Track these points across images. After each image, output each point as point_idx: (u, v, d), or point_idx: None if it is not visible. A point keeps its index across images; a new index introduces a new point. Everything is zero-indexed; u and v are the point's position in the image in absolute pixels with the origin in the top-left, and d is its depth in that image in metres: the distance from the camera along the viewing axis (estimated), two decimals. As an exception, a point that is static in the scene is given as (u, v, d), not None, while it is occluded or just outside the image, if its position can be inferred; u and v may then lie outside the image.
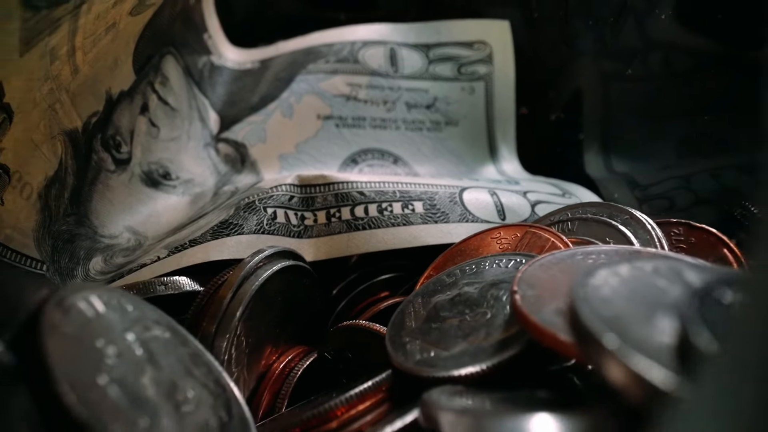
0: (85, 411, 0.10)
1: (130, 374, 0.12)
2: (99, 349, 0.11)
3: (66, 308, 0.11)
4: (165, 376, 0.13)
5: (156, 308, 0.15)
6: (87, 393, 0.10)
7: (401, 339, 0.17)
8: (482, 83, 0.34)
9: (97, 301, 0.13)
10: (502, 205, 0.25)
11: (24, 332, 0.10)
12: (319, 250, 0.23)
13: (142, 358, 0.12)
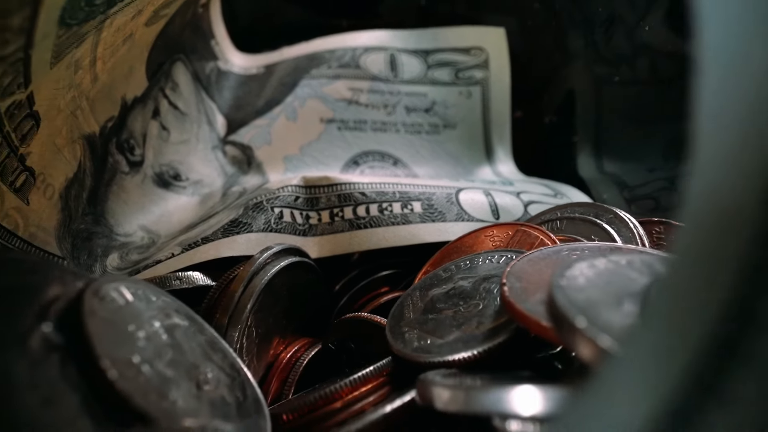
0: (126, 384, 0.11)
1: (158, 355, 0.13)
2: (131, 332, 0.13)
3: (101, 296, 0.13)
4: (187, 359, 0.14)
5: (176, 299, 0.16)
6: (125, 369, 0.12)
7: (400, 329, 0.18)
8: (479, 88, 0.35)
9: (126, 291, 0.14)
10: (497, 205, 0.26)
11: (67, 316, 0.12)
12: (323, 248, 0.24)
13: (166, 342, 0.14)
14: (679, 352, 0.06)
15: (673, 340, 0.06)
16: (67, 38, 0.16)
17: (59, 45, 0.16)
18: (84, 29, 0.17)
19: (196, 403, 0.13)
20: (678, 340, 0.06)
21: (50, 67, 0.17)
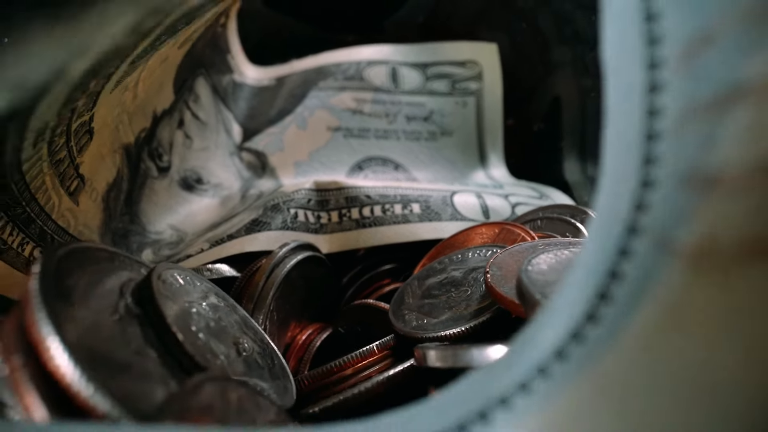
0: (190, 346, 0.15)
1: (207, 326, 0.17)
2: (187, 308, 0.17)
3: (162, 279, 0.17)
4: (228, 331, 0.18)
5: (213, 285, 0.20)
6: (188, 336, 0.15)
7: (401, 312, 0.22)
8: (473, 98, 0.39)
9: (178, 276, 0.18)
10: (487, 206, 0.30)
11: (139, 293, 0.16)
12: (332, 244, 0.28)
13: (211, 317, 0.18)
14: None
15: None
16: (129, 70, 0.20)
17: (123, 76, 0.20)
18: (140, 62, 0.21)
19: (238, 363, 0.17)
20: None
21: (110, 92, 0.20)
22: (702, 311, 0.07)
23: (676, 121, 0.09)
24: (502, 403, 0.09)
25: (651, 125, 0.09)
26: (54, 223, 0.24)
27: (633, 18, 0.10)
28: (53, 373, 0.11)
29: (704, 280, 0.07)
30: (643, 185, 0.09)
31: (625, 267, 0.09)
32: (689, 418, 0.07)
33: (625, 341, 0.08)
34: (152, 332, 0.15)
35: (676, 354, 0.07)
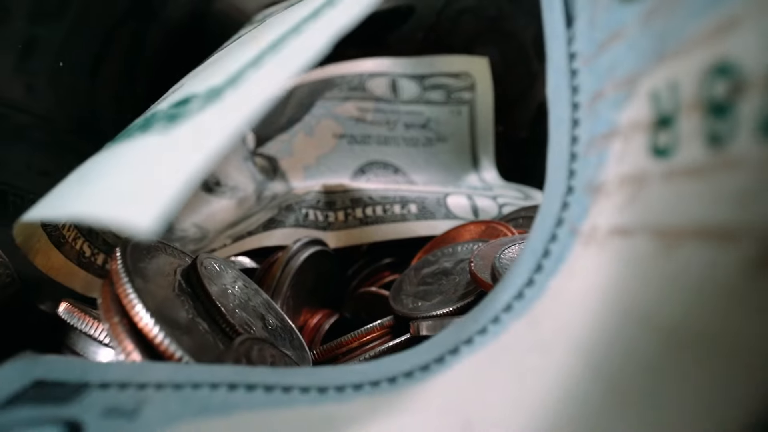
0: (232, 318, 0.19)
1: (241, 304, 0.21)
2: (225, 288, 0.21)
3: (204, 266, 0.21)
4: (256, 309, 0.22)
5: (240, 272, 0.24)
6: (229, 310, 0.19)
7: (400, 296, 0.26)
8: (467, 107, 0.43)
9: (214, 263, 0.22)
10: (476, 206, 0.34)
11: (187, 276, 0.20)
12: (339, 240, 0.32)
13: (243, 298, 0.22)
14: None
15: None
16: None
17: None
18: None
19: (267, 335, 0.21)
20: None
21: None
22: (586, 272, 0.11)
23: (584, 147, 0.13)
24: (468, 342, 0.13)
25: (572, 149, 0.13)
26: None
27: (564, 72, 0.14)
28: (142, 330, 0.15)
29: (588, 252, 0.11)
30: (567, 191, 0.13)
31: (552, 247, 0.13)
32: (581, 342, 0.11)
33: (547, 296, 0.12)
34: (201, 306, 0.19)
35: (575, 303, 0.11)
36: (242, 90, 0.10)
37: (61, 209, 0.10)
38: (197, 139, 0.09)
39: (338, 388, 0.13)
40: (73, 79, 0.35)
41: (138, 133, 0.11)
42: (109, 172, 0.09)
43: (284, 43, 0.11)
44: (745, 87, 0.08)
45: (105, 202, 0.08)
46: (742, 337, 0.07)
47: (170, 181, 0.08)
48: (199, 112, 0.10)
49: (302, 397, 0.12)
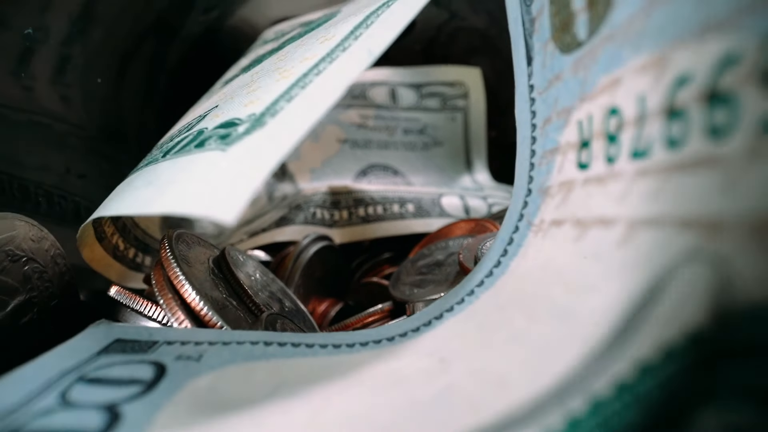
0: (258, 299, 0.23)
1: (262, 288, 0.25)
2: (248, 275, 0.25)
3: (231, 256, 0.25)
4: (274, 294, 0.26)
5: (259, 263, 0.28)
6: (254, 292, 0.23)
7: (398, 285, 0.30)
8: (461, 113, 0.47)
9: (238, 255, 0.26)
10: (468, 206, 0.38)
11: (218, 264, 0.24)
12: (343, 236, 0.36)
13: (263, 283, 0.26)
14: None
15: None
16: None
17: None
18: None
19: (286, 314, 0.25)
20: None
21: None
22: (534, 253, 0.15)
23: (539, 159, 0.17)
24: (449, 309, 0.17)
25: (531, 161, 0.18)
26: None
27: (526, 100, 0.18)
28: (190, 304, 0.19)
29: (536, 239, 0.15)
30: (527, 194, 0.18)
31: (514, 236, 0.17)
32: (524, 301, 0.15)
33: (507, 273, 0.16)
34: (230, 288, 0.23)
35: (525, 276, 0.15)
36: (279, 118, 0.14)
37: (147, 206, 0.14)
38: (253, 157, 0.13)
39: (349, 345, 0.17)
40: (100, 90, 0.39)
41: (195, 149, 0.15)
42: (185, 178, 0.13)
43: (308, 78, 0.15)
44: (626, 123, 0.12)
45: (191, 200, 0.12)
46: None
47: (240, 187, 0.12)
48: (247, 135, 0.14)
49: (322, 351, 0.16)
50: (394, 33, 0.16)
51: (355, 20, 0.18)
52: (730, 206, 0.08)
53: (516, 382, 0.11)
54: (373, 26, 0.17)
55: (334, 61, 0.16)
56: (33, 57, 0.33)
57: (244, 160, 0.13)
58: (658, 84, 0.10)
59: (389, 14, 0.17)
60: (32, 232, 0.23)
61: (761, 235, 0.07)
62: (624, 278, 0.10)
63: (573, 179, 0.14)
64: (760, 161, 0.08)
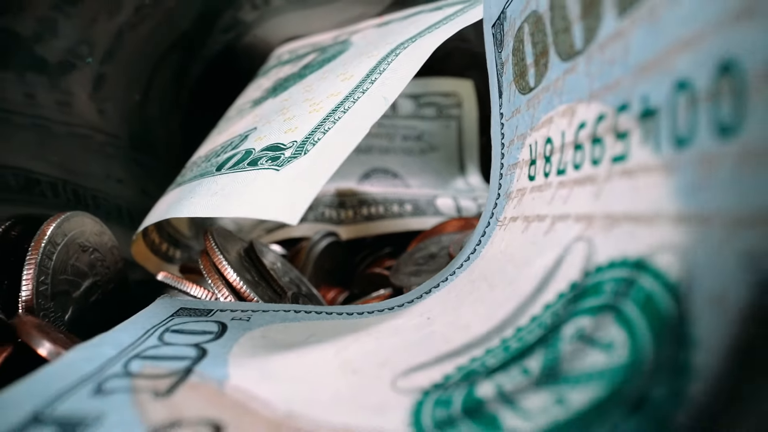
0: (282, 283, 0.29)
1: (284, 273, 0.31)
2: (273, 263, 0.31)
3: (258, 248, 0.31)
4: (293, 280, 0.32)
5: (278, 254, 0.34)
6: (279, 277, 0.29)
7: (398, 275, 0.36)
8: (455, 121, 0.53)
9: (262, 246, 0.32)
10: (460, 206, 0.44)
11: (247, 253, 0.30)
12: (349, 233, 0.42)
13: (284, 270, 0.32)
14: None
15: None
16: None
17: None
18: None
19: (303, 297, 0.31)
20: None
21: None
22: (498, 242, 0.21)
23: (506, 170, 0.23)
24: (436, 286, 0.23)
25: (500, 172, 0.23)
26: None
27: (498, 124, 0.24)
28: (232, 284, 0.25)
29: (500, 231, 0.21)
30: (497, 197, 0.23)
31: (487, 230, 0.23)
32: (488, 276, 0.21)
33: (480, 257, 0.22)
34: (258, 273, 0.29)
35: (490, 259, 0.21)
36: (319, 147, 0.20)
37: (218, 211, 0.20)
38: (303, 178, 0.18)
39: (359, 313, 0.22)
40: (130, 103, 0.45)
41: (249, 166, 0.21)
42: (250, 190, 0.19)
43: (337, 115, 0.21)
44: (555, 150, 0.17)
45: (259, 208, 0.18)
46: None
47: (298, 199, 0.17)
48: (294, 159, 0.20)
49: (338, 316, 0.22)
50: (405, 83, 0.22)
51: (370, 63, 0.23)
52: (597, 210, 0.14)
53: (476, 326, 0.16)
54: (385, 73, 0.22)
55: (357, 102, 0.22)
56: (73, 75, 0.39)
57: (297, 180, 0.18)
58: (570, 125, 0.16)
59: (398, 65, 0.22)
60: (95, 228, 0.29)
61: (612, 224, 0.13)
62: (545, 255, 0.16)
63: (525, 187, 0.20)
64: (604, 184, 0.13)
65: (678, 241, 0.10)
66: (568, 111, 0.16)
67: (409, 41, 0.25)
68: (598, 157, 0.14)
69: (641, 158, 0.12)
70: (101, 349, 0.16)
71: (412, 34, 0.26)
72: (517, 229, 0.19)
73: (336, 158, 0.19)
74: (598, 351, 0.11)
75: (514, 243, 0.19)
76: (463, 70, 0.53)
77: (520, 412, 0.11)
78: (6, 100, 0.36)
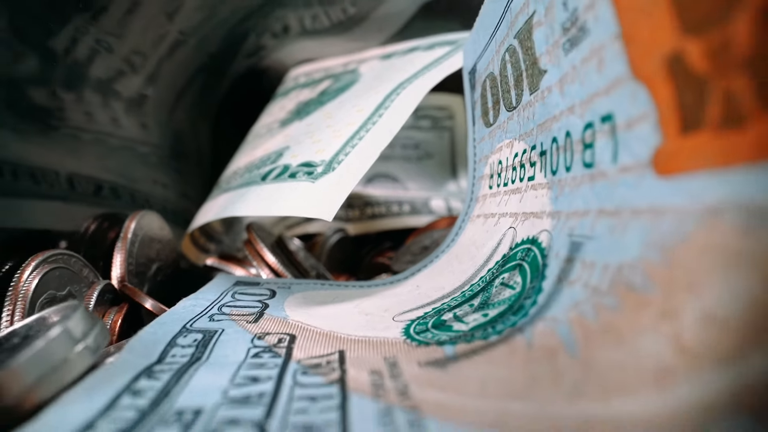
0: (306, 267, 0.38)
1: (305, 260, 0.40)
2: (297, 251, 0.40)
3: (285, 239, 0.40)
4: (313, 266, 0.41)
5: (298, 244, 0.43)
6: (304, 263, 0.38)
7: (397, 263, 0.45)
8: (448, 132, 0.62)
9: (287, 238, 0.41)
10: (450, 207, 0.53)
11: (278, 242, 0.39)
12: (356, 229, 0.51)
13: (304, 258, 0.41)
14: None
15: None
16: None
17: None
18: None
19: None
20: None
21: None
22: (468, 233, 0.30)
23: (477, 180, 0.32)
24: (424, 266, 0.32)
25: (473, 182, 0.33)
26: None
27: (471, 146, 0.33)
28: (271, 266, 0.34)
29: (469, 224, 0.30)
30: (471, 200, 0.33)
31: (462, 224, 0.32)
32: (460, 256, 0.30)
33: (456, 243, 0.31)
34: (287, 259, 0.38)
35: (462, 244, 0.30)
36: (343, 166, 0.29)
37: (269, 210, 0.29)
38: (333, 190, 0.28)
39: (368, 285, 0.32)
40: (164, 118, 0.54)
41: (290, 178, 0.30)
42: (294, 196, 0.28)
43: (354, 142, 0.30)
44: (503, 169, 0.27)
45: (303, 208, 0.27)
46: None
47: (330, 203, 0.26)
48: (325, 174, 0.29)
49: (353, 287, 0.31)
50: (405, 117, 0.31)
51: (377, 99, 0.33)
52: (520, 210, 0.23)
53: (447, 286, 0.26)
54: (389, 110, 0.31)
55: (369, 131, 0.31)
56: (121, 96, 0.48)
57: (328, 190, 0.28)
58: (510, 154, 0.25)
59: (399, 103, 0.32)
60: (159, 224, 0.38)
61: (526, 218, 0.22)
62: (492, 239, 0.25)
63: (486, 193, 0.29)
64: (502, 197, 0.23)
65: (548, 227, 0.20)
66: (509, 144, 0.26)
67: (408, 82, 0.34)
68: (521, 177, 0.23)
69: (539, 179, 0.21)
70: (198, 301, 0.26)
71: (410, 74, 0.36)
72: (479, 222, 0.29)
73: (356, 175, 0.28)
74: (509, 289, 0.20)
75: (477, 232, 0.28)
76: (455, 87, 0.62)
77: (463, 323, 0.20)
78: (71, 119, 0.45)
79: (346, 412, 0.13)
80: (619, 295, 0.14)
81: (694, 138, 0.12)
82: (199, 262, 0.46)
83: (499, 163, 0.27)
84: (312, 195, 0.27)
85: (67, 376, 0.17)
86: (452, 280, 0.26)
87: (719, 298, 0.10)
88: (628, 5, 0.14)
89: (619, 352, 0.12)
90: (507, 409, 0.12)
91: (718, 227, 0.11)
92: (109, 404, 0.14)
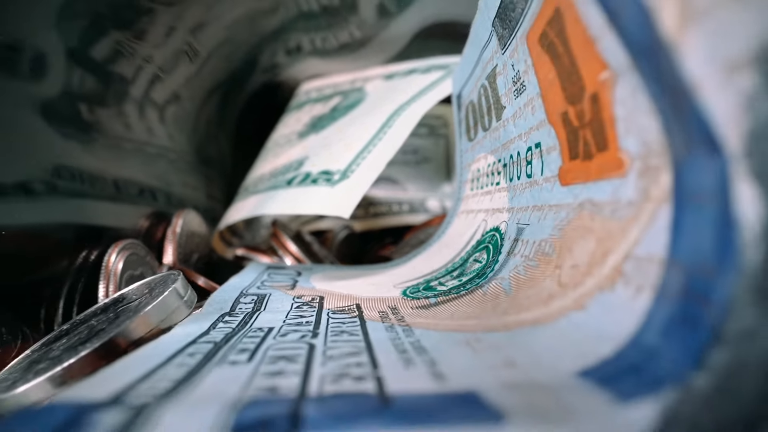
0: (320, 256, 0.47)
1: (320, 251, 0.49)
2: (311, 243, 0.49)
3: (302, 233, 0.49)
4: (326, 256, 0.50)
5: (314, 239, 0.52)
6: (318, 253, 0.47)
7: (398, 255, 0.54)
8: (443, 139, 0.71)
9: (304, 234, 0.50)
10: (444, 206, 0.62)
11: (297, 235, 0.48)
12: (361, 226, 0.60)
13: (321, 249, 0.50)
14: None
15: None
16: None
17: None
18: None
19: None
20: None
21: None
22: (456, 224, 0.39)
23: (463, 184, 0.41)
24: (419, 252, 0.41)
25: (460, 185, 0.42)
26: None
27: (460, 154, 0.42)
28: (294, 255, 0.43)
29: (456, 218, 0.39)
30: (458, 200, 0.42)
31: (450, 219, 0.41)
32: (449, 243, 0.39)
33: (445, 233, 0.40)
34: (305, 250, 0.47)
35: (452, 233, 0.39)
36: (356, 175, 0.38)
37: (295, 209, 0.38)
38: (348, 194, 0.36)
39: (375, 268, 0.40)
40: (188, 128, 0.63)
41: (311, 183, 0.39)
42: (316, 198, 0.37)
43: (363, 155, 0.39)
44: (480, 176, 0.36)
45: (325, 207, 0.36)
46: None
47: (347, 204, 0.35)
48: (341, 181, 0.38)
49: (362, 269, 0.40)
50: (405, 136, 0.40)
51: (381, 119, 0.42)
52: (490, 207, 0.32)
53: (436, 265, 0.35)
54: (391, 129, 0.40)
55: (375, 146, 0.40)
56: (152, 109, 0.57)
57: (345, 193, 0.37)
58: (485, 164, 0.34)
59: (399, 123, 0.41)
60: (198, 220, 0.47)
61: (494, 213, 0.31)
62: (470, 229, 0.34)
63: (468, 194, 0.38)
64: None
65: (506, 219, 0.28)
66: (484, 157, 0.34)
67: (407, 104, 0.43)
68: (492, 182, 0.32)
69: (503, 184, 0.30)
70: (243, 279, 0.35)
71: (409, 96, 0.45)
72: (463, 217, 0.38)
73: (367, 182, 0.37)
74: (477, 263, 0.29)
75: (461, 225, 0.37)
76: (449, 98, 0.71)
77: (444, 286, 0.29)
78: (114, 129, 0.54)
79: (365, 326, 0.21)
80: (538, 258, 0.22)
81: (574, 164, 0.21)
82: (225, 254, 0.55)
83: (478, 171, 0.36)
84: (332, 197, 0.36)
85: (176, 320, 0.25)
86: (439, 260, 0.35)
87: (580, 255, 0.19)
88: (543, 77, 0.23)
89: (532, 290, 0.21)
90: (464, 323, 0.21)
91: (584, 216, 0.20)
92: (207, 329, 0.23)
